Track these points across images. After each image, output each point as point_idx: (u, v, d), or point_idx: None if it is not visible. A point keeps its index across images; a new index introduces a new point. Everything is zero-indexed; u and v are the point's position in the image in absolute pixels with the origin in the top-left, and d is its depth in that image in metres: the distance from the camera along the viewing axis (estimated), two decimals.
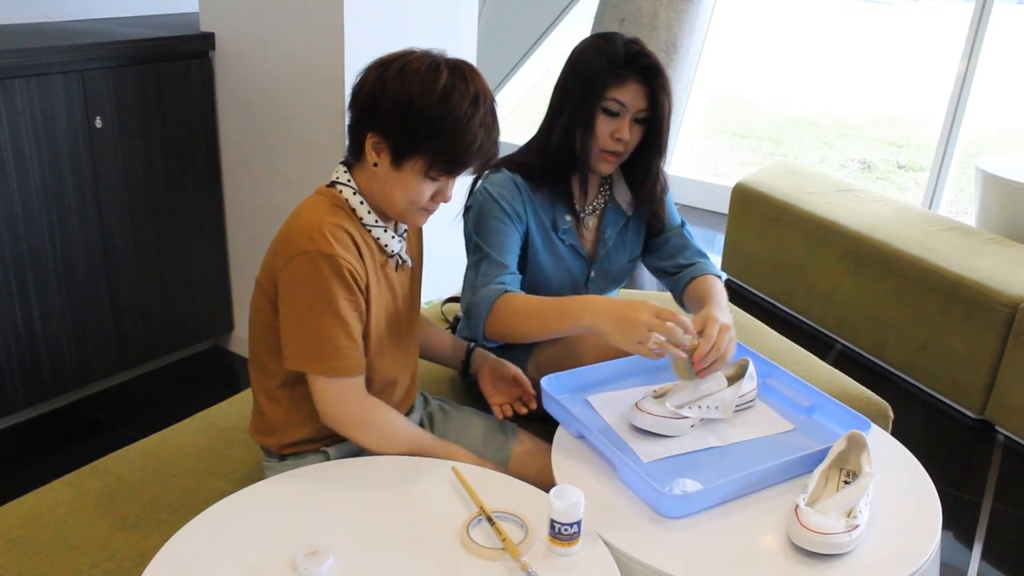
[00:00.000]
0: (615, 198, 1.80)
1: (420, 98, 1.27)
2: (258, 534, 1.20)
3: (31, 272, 2.35)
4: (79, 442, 2.47)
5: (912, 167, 7.08)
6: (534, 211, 1.70)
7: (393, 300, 1.45)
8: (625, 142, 1.63)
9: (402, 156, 1.31)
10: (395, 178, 1.33)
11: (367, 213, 1.38)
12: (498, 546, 1.17)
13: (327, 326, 1.31)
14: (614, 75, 1.58)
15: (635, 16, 4.28)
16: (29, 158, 2.27)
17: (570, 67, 1.66)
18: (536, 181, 1.70)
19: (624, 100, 1.60)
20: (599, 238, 1.79)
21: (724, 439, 1.45)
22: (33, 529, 1.43)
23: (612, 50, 1.59)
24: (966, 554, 2.25)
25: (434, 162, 1.31)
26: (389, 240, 1.41)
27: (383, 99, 1.29)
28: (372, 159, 1.34)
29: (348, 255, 1.31)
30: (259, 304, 1.40)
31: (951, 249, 3.02)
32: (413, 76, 1.29)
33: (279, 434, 1.44)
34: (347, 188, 1.38)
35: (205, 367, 2.91)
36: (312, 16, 2.35)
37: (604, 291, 1.85)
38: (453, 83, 1.29)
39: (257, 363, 1.45)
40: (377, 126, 1.31)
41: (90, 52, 2.36)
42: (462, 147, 1.30)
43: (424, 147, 1.29)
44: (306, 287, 1.30)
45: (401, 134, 1.30)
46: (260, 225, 2.74)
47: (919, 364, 3.00)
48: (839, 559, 1.19)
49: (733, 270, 3.83)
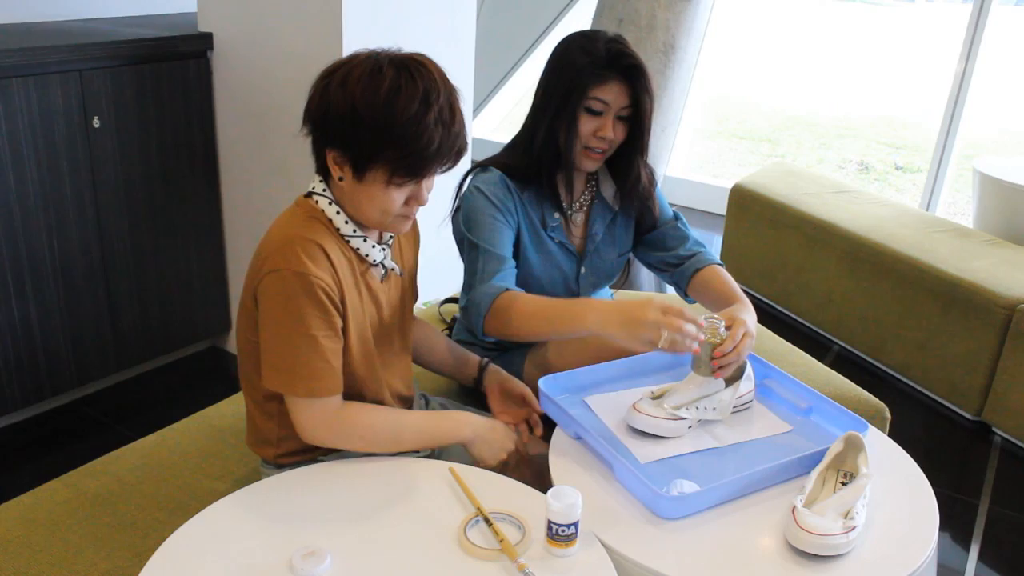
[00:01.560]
0: (601, 194, 1.80)
1: (365, 106, 1.22)
2: (255, 534, 1.20)
3: (28, 272, 2.35)
4: (76, 442, 2.47)
5: (910, 168, 7.09)
6: (523, 210, 1.71)
7: (378, 311, 1.42)
8: (609, 140, 1.64)
9: (362, 168, 1.27)
10: (361, 191, 1.29)
11: (344, 223, 1.34)
12: (495, 547, 1.17)
13: (299, 347, 1.27)
14: (596, 75, 1.59)
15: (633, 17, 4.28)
16: (27, 158, 2.26)
17: (552, 66, 1.66)
18: (522, 180, 1.70)
19: (606, 99, 1.60)
20: (587, 234, 1.80)
21: (722, 440, 1.46)
22: (30, 529, 1.43)
23: (594, 49, 1.59)
24: (963, 556, 2.25)
25: (395, 170, 1.26)
26: (369, 250, 1.38)
27: (329, 112, 1.25)
28: (336, 174, 1.30)
29: (321, 272, 1.27)
30: (242, 321, 1.37)
31: (949, 251, 3.02)
32: (355, 84, 1.23)
33: (274, 446, 1.43)
34: (323, 198, 1.34)
35: (202, 367, 2.91)
36: (310, 16, 2.35)
37: (596, 287, 1.85)
38: (398, 84, 1.22)
39: (247, 378, 1.43)
40: (331, 141, 1.27)
41: (88, 52, 2.35)
42: (419, 150, 1.24)
43: (380, 156, 1.24)
44: (278, 307, 1.27)
45: (354, 147, 1.25)
46: (258, 226, 2.74)
47: (916, 365, 3.00)
48: (836, 560, 1.19)
49: (731, 271, 3.78)
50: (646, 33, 4.27)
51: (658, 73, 4.36)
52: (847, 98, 9.65)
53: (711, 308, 1.72)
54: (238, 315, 1.40)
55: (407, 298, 1.53)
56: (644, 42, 4.28)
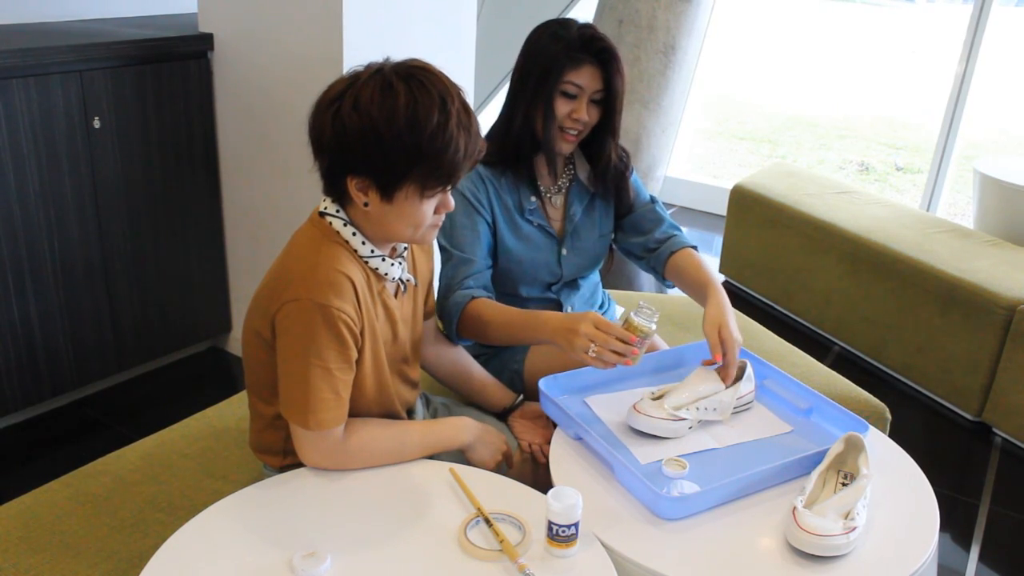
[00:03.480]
0: (578, 176, 1.83)
1: (387, 126, 1.19)
2: (256, 535, 1.20)
3: (29, 272, 2.35)
4: (77, 443, 2.47)
5: (910, 169, 7.09)
6: (498, 197, 1.74)
7: (393, 328, 1.42)
8: (584, 122, 1.68)
9: (391, 189, 1.24)
10: (390, 211, 1.27)
11: (361, 244, 1.32)
12: (496, 547, 1.17)
13: (312, 378, 1.26)
14: (571, 59, 1.63)
15: (633, 18, 4.28)
16: (27, 158, 2.27)
17: (526, 53, 1.70)
18: (499, 167, 1.74)
19: (580, 83, 1.65)
20: (566, 216, 1.82)
21: (722, 441, 1.46)
22: (31, 530, 1.43)
23: (567, 35, 1.64)
24: (964, 556, 2.25)
25: (426, 183, 1.24)
26: (388, 268, 1.36)
27: (348, 140, 1.21)
28: (360, 200, 1.27)
29: (344, 304, 1.25)
30: (253, 333, 1.35)
31: (949, 251, 3.02)
32: (369, 105, 1.20)
33: (279, 456, 1.44)
34: (336, 219, 1.31)
35: (203, 368, 2.91)
36: (311, 17, 2.35)
37: (581, 270, 1.86)
38: (414, 96, 1.20)
39: (254, 391, 1.43)
40: (353, 169, 1.24)
41: (89, 52, 2.35)
42: (448, 159, 1.23)
43: (411, 173, 1.23)
44: (296, 335, 1.25)
45: (381, 169, 1.23)
46: (258, 226, 2.74)
47: (917, 366, 3.00)
48: (837, 561, 1.19)
49: (731, 272, 3.83)
50: (647, 34, 4.27)
51: (659, 74, 4.36)
52: (847, 99, 9.65)
53: (686, 292, 1.78)
54: (245, 331, 1.38)
55: (419, 309, 1.53)
56: (645, 43, 4.28)
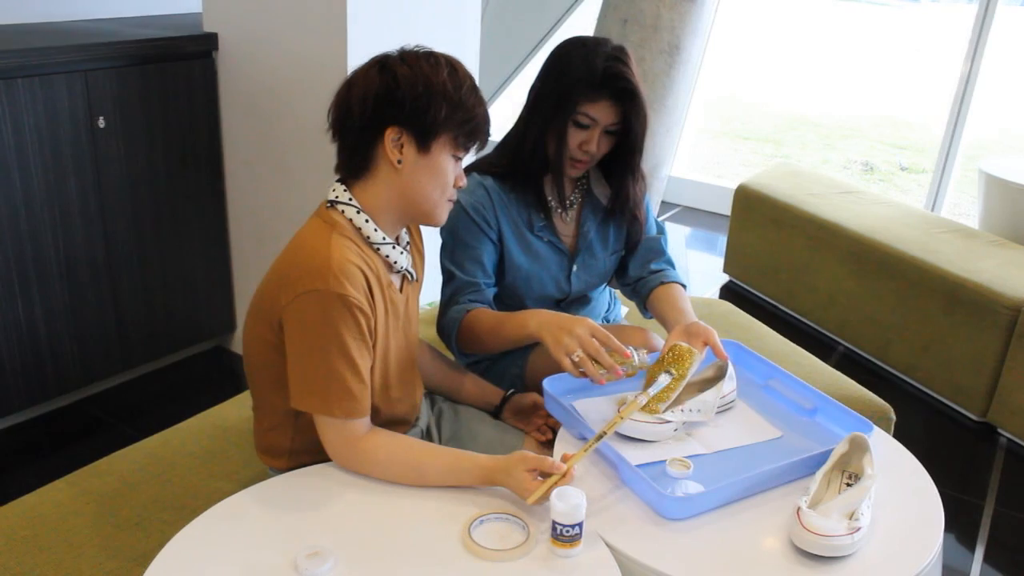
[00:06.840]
0: (593, 192, 1.81)
1: (436, 77, 1.30)
2: (260, 535, 1.20)
3: (33, 271, 2.35)
4: (81, 442, 2.48)
5: (914, 169, 7.08)
6: (506, 213, 1.72)
7: (398, 325, 1.42)
8: (592, 154, 1.66)
9: (428, 138, 1.32)
10: (424, 166, 1.33)
11: (374, 231, 1.35)
12: (499, 547, 1.17)
13: (336, 366, 1.27)
14: (588, 93, 1.60)
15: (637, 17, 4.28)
16: (32, 158, 2.27)
17: (549, 69, 1.67)
18: (509, 181, 1.73)
19: (595, 115, 1.62)
20: (579, 232, 1.81)
21: (710, 447, 1.44)
22: (35, 529, 1.43)
23: (592, 65, 1.59)
24: (968, 557, 2.25)
25: (459, 134, 1.33)
26: (398, 256, 1.38)
27: (399, 90, 1.30)
28: (395, 157, 1.32)
29: (360, 295, 1.28)
30: (257, 335, 1.35)
31: (953, 251, 3.01)
32: (419, 60, 1.32)
33: (285, 458, 1.43)
34: (349, 207, 1.34)
35: (207, 367, 2.92)
36: (315, 17, 2.35)
37: (589, 287, 1.85)
38: (451, 65, 1.34)
39: (259, 393, 1.42)
40: (394, 119, 1.31)
41: (93, 52, 2.36)
42: (478, 116, 1.34)
43: (449, 122, 1.32)
44: (315, 326, 1.26)
45: (423, 117, 1.30)
46: (262, 225, 2.74)
47: (921, 366, 3.00)
48: (841, 561, 1.19)
49: (735, 272, 3.82)
50: (650, 33, 4.27)
51: (663, 74, 4.36)
52: (851, 99, 9.64)
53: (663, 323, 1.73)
54: (246, 336, 1.38)
55: (418, 310, 1.54)
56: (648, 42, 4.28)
